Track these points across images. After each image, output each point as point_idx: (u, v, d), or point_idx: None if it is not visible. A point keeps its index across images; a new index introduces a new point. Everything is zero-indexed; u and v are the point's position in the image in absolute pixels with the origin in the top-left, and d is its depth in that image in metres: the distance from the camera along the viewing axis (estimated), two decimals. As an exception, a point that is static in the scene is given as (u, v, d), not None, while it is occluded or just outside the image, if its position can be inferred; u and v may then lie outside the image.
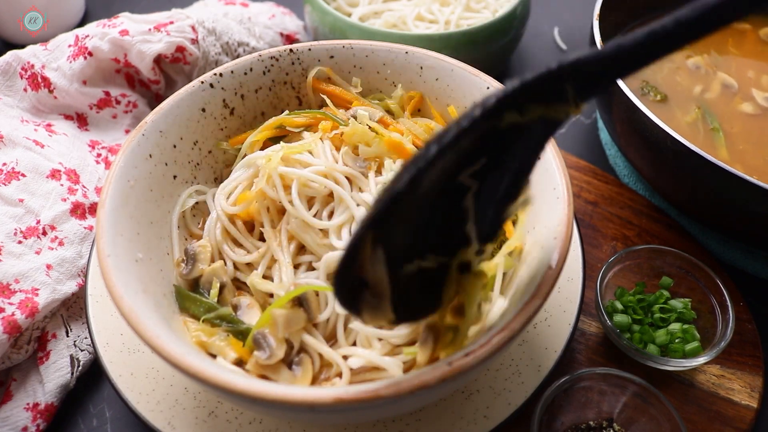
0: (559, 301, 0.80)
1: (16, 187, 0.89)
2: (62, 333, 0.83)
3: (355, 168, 0.77)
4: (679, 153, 0.83)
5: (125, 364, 0.75)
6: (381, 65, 0.89)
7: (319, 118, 0.83)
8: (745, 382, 0.81)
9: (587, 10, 1.49)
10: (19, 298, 0.79)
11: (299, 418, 0.70)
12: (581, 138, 1.20)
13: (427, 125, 0.84)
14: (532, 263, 0.67)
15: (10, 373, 0.81)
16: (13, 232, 0.85)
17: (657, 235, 0.97)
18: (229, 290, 0.74)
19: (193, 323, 0.71)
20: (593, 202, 1.02)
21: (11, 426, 0.75)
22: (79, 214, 0.91)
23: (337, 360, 0.67)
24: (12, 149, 0.93)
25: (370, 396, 0.53)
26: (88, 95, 1.06)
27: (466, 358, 0.55)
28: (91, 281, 0.81)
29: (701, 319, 0.83)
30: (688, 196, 0.90)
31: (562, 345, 0.76)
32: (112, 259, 0.64)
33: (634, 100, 0.87)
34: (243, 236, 0.76)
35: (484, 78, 0.83)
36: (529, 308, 0.59)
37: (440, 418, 0.72)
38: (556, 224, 0.66)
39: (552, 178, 0.71)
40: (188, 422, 0.71)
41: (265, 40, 1.23)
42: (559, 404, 0.74)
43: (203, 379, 0.56)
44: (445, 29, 1.18)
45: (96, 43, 1.03)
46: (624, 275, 0.88)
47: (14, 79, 1.04)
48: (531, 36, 1.41)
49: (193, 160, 0.82)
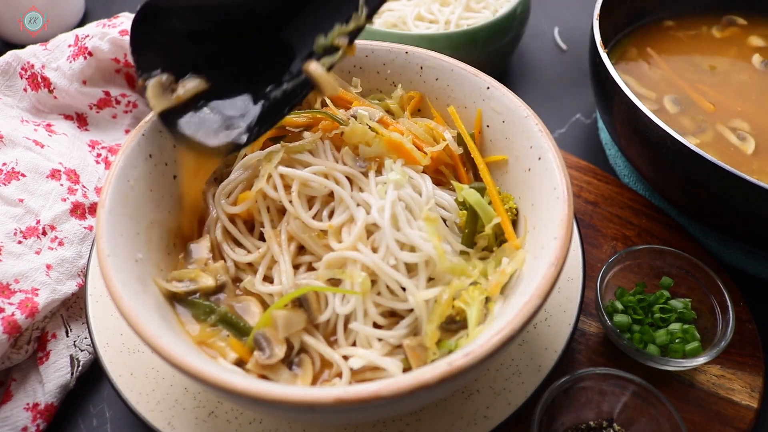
0: (559, 301, 0.80)
1: (16, 187, 0.89)
2: (62, 333, 0.83)
3: (355, 168, 0.77)
4: (679, 153, 0.83)
5: (125, 364, 0.75)
6: (381, 65, 0.89)
7: (319, 118, 0.83)
8: (745, 382, 0.81)
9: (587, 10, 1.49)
10: (19, 298, 0.79)
11: (299, 418, 0.70)
12: (581, 138, 1.20)
13: (427, 125, 0.84)
14: (532, 263, 0.67)
15: (10, 373, 0.81)
16: (13, 232, 0.85)
17: (657, 235, 0.97)
18: (230, 290, 0.74)
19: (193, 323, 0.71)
20: (593, 202, 1.02)
21: (11, 426, 0.75)
22: (79, 214, 0.91)
23: (338, 360, 0.67)
24: (12, 149, 0.93)
25: (370, 396, 0.53)
26: (88, 95, 1.06)
27: (466, 358, 0.55)
28: (91, 281, 0.81)
29: (701, 319, 0.83)
30: (688, 196, 0.90)
31: (562, 345, 0.76)
32: (112, 259, 0.64)
33: (634, 100, 0.87)
34: (243, 236, 0.76)
35: (484, 78, 0.83)
36: (529, 308, 0.59)
37: (440, 418, 0.72)
38: (556, 224, 0.66)
39: (552, 178, 0.71)
40: (188, 422, 0.71)
41: (265, 40, 1.23)
42: (559, 404, 0.74)
43: (203, 379, 0.56)
44: (445, 29, 1.18)
45: (96, 43, 1.03)
46: (624, 275, 0.88)
47: (14, 79, 1.04)
48: (531, 36, 1.41)
49: (193, 160, 0.82)
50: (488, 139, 0.84)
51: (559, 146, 0.75)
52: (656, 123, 0.84)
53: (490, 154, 0.83)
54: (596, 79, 1.00)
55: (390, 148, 0.78)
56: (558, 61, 1.37)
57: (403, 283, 0.68)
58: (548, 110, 1.24)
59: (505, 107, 0.80)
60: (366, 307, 0.68)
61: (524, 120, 0.77)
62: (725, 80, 1.08)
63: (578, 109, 1.25)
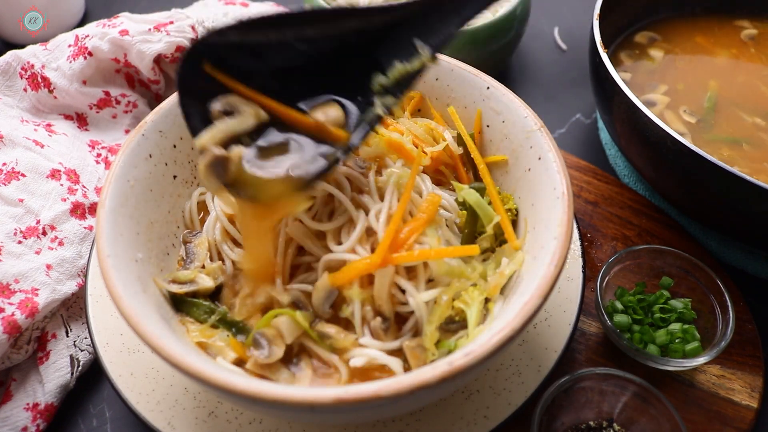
0: (559, 301, 0.80)
1: (16, 187, 0.89)
2: (62, 333, 0.83)
3: (355, 168, 0.77)
4: (679, 153, 0.83)
5: (125, 364, 0.75)
6: (381, 65, 0.89)
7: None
8: (745, 382, 0.81)
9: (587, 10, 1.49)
10: (19, 298, 0.79)
11: (299, 418, 0.70)
12: (581, 138, 1.20)
13: (427, 125, 0.84)
14: (532, 263, 0.67)
15: (10, 373, 0.81)
16: (13, 232, 0.85)
17: (657, 235, 0.97)
18: (229, 290, 0.74)
19: (193, 323, 0.71)
20: (593, 202, 1.02)
21: (11, 426, 0.75)
22: (79, 214, 0.91)
23: (336, 362, 0.67)
24: (12, 149, 0.93)
25: (370, 396, 0.53)
26: (88, 95, 1.06)
27: (466, 358, 0.55)
28: (91, 281, 0.81)
29: (701, 319, 0.83)
30: (688, 196, 0.90)
31: (562, 345, 0.76)
32: (112, 259, 0.64)
33: (634, 100, 0.87)
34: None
35: (484, 78, 0.83)
36: (529, 308, 0.59)
37: (440, 418, 0.72)
38: (556, 224, 0.66)
39: (552, 178, 0.71)
40: (188, 422, 0.71)
41: (265, 40, 1.22)
42: (559, 404, 0.74)
43: (203, 379, 0.56)
44: (445, 29, 1.17)
45: (96, 43, 1.03)
46: (624, 275, 0.88)
47: (14, 79, 1.04)
48: (531, 36, 1.41)
49: (193, 160, 0.82)
50: (488, 139, 0.84)
51: (559, 146, 0.75)
52: (656, 123, 0.84)
53: (490, 154, 0.83)
54: (596, 79, 1.00)
55: (390, 148, 0.78)
56: (558, 61, 1.37)
57: (402, 285, 0.68)
58: (548, 110, 1.24)
59: (505, 107, 0.80)
60: (364, 314, 0.68)
61: (524, 120, 0.77)
62: (727, 80, 1.08)
63: (578, 109, 1.25)
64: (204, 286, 0.72)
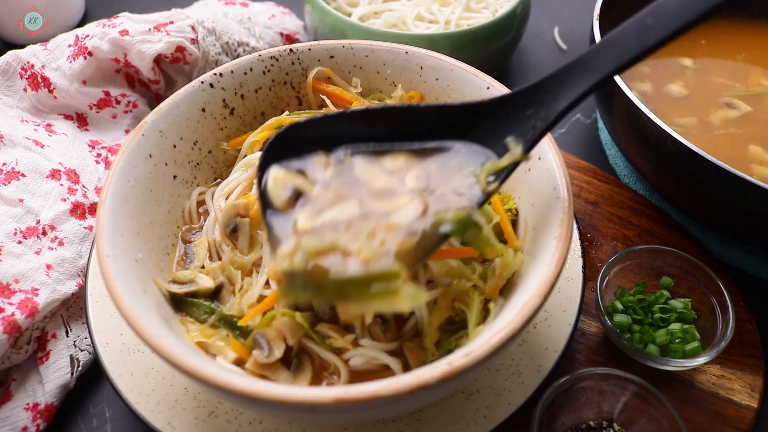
0: (559, 301, 0.80)
1: (16, 187, 0.89)
2: (62, 333, 0.83)
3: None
4: (679, 153, 0.83)
5: (125, 364, 0.74)
6: (381, 65, 0.89)
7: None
8: (745, 382, 0.81)
9: (587, 10, 1.49)
10: (19, 298, 0.79)
11: (299, 418, 0.70)
12: (581, 138, 1.20)
13: (427, 125, 0.84)
14: (532, 263, 0.67)
15: (10, 373, 0.81)
16: (13, 232, 0.85)
17: (657, 235, 0.97)
18: (228, 290, 0.74)
19: (193, 323, 0.71)
20: (593, 202, 1.02)
21: (11, 426, 0.75)
22: (79, 214, 0.91)
23: (336, 361, 0.67)
24: (12, 149, 0.93)
25: (370, 396, 0.53)
26: (88, 95, 1.06)
27: (466, 358, 0.55)
28: (91, 281, 0.81)
29: (701, 319, 0.83)
30: (688, 196, 0.90)
31: (562, 345, 0.76)
32: (112, 259, 0.64)
33: (634, 100, 0.87)
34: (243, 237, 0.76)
35: (484, 78, 0.82)
36: (529, 308, 0.59)
37: (440, 418, 0.72)
38: (556, 224, 0.66)
39: (552, 178, 0.70)
40: (188, 422, 0.71)
41: (265, 40, 1.23)
42: (559, 404, 0.74)
43: (203, 379, 0.56)
44: (445, 29, 1.18)
45: (96, 43, 1.03)
46: (624, 275, 0.88)
47: (14, 79, 1.04)
48: (531, 36, 1.41)
49: (193, 160, 0.82)
50: (488, 139, 0.84)
51: (559, 146, 0.75)
52: (656, 123, 0.84)
53: (490, 154, 0.83)
54: (596, 79, 1.00)
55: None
56: (558, 61, 1.37)
57: None
58: (548, 110, 1.24)
59: (505, 107, 0.80)
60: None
61: (524, 120, 0.77)
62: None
63: (578, 109, 1.25)
64: (204, 286, 0.72)
